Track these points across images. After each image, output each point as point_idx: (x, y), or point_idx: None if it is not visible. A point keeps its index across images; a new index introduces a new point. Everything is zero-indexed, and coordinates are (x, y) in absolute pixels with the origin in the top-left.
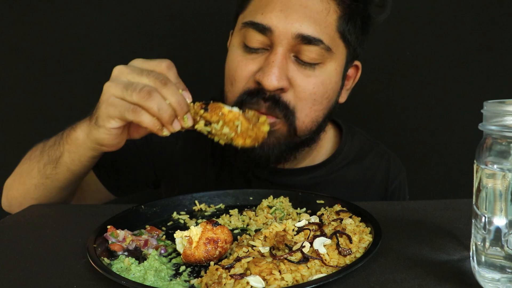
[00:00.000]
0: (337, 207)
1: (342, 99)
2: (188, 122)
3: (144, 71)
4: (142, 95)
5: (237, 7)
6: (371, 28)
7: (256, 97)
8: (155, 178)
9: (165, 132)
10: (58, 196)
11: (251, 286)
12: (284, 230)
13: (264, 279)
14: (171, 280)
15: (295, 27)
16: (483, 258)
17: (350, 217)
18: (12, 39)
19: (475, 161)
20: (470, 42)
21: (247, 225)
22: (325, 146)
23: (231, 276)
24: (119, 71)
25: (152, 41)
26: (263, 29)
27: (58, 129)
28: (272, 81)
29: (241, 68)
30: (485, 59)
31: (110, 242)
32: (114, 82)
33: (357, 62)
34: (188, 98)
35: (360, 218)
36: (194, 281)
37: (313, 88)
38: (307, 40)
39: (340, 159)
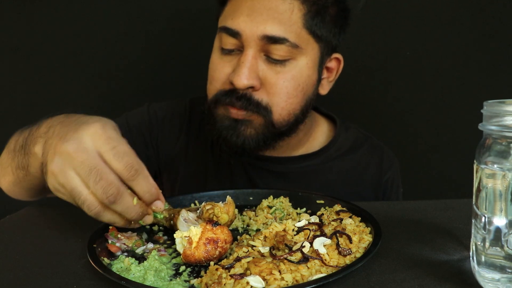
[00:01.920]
0: (337, 207)
1: (324, 91)
2: (158, 211)
3: (94, 173)
4: (92, 214)
5: (216, 11)
6: (349, 19)
7: (230, 97)
8: (158, 168)
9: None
10: (41, 195)
11: (251, 286)
12: (284, 230)
13: (264, 279)
14: (171, 280)
15: (260, 29)
16: (483, 258)
17: (350, 217)
18: (12, 39)
19: (475, 161)
20: (470, 42)
21: (247, 225)
22: (319, 138)
23: (231, 276)
24: (69, 156)
25: (153, 41)
26: (233, 33)
27: None
28: (241, 80)
29: (219, 70)
30: (485, 59)
31: (109, 242)
32: (62, 172)
33: (337, 55)
34: (158, 205)
35: (360, 218)
36: (194, 281)
37: (283, 83)
38: (272, 40)
39: (334, 150)
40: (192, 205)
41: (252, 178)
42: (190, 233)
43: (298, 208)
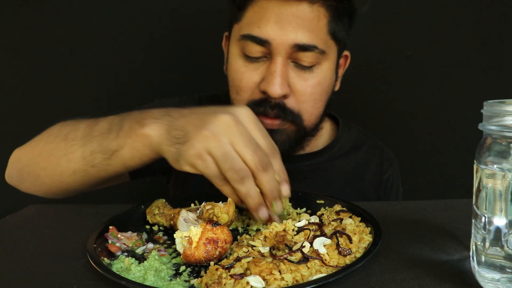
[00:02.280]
0: (337, 207)
1: (337, 87)
2: (276, 209)
3: (252, 144)
4: (236, 177)
5: (231, 15)
6: (356, 19)
7: (263, 107)
8: (168, 165)
9: (255, 226)
10: (94, 185)
11: (251, 286)
12: (284, 230)
13: (264, 279)
14: (171, 280)
15: (291, 37)
16: (483, 258)
17: (350, 217)
18: (12, 39)
19: (475, 161)
20: (470, 42)
21: (247, 225)
22: (323, 136)
23: (231, 276)
24: (228, 125)
25: (154, 41)
26: (261, 42)
27: None
28: (276, 89)
29: (246, 80)
30: (485, 59)
31: (109, 242)
32: (217, 138)
33: (346, 52)
34: (286, 192)
35: (360, 218)
36: (194, 281)
37: (311, 90)
38: (302, 48)
39: (337, 149)
40: (192, 205)
41: None
42: (190, 233)
43: (298, 208)
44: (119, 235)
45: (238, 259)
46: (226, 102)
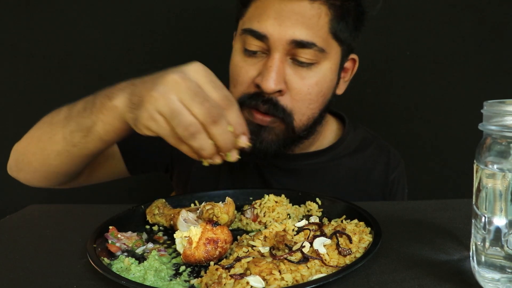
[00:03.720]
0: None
1: (340, 90)
2: (231, 158)
3: (199, 97)
4: (186, 134)
5: (237, 12)
6: (365, 21)
7: (255, 100)
8: (171, 160)
9: (204, 163)
10: (80, 165)
11: (251, 286)
12: (284, 230)
13: (264, 279)
14: (171, 280)
15: (289, 33)
16: (483, 258)
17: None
18: (12, 39)
19: (475, 161)
20: (470, 42)
21: (247, 223)
22: (328, 136)
23: (231, 276)
24: (176, 82)
25: (152, 40)
26: (260, 36)
27: None
28: (270, 84)
29: (243, 73)
30: (485, 59)
31: (109, 242)
32: (165, 97)
33: (353, 56)
34: (244, 142)
35: (360, 218)
36: (194, 281)
37: (308, 89)
38: (301, 44)
39: (343, 148)
40: (192, 205)
41: (264, 175)
42: (190, 233)
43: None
44: (119, 235)
45: (238, 259)
46: None
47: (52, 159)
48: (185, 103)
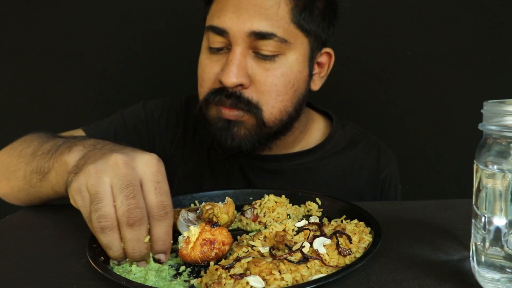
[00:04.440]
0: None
1: (316, 86)
2: (137, 265)
3: (128, 190)
4: (97, 225)
5: (203, 12)
6: (337, 13)
7: (219, 95)
8: None
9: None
10: (42, 202)
11: (251, 286)
12: (284, 230)
13: (264, 279)
14: (171, 280)
15: (247, 25)
16: (483, 258)
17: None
18: (12, 39)
19: (475, 161)
20: (470, 42)
21: (246, 223)
22: (315, 135)
23: (231, 276)
24: (116, 165)
25: (152, 41)
26: (220, 32)
27: (58, 129)
28: (230, 78)
29: (207, 70)
30: (485, 59)
31: None
32: (98, 175)
33: (327, 49)
34: (161, 260)
35: (360, 218)
36: (194, 281)
37: (273, 80)
38: (260, 35)
39: (331, 146)
40: (192, 205)
41: (248, 176)
42: (189, 233)
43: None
44: None
45: (238, 259)
46: None
47: (16, 192)
48: (113, 191)
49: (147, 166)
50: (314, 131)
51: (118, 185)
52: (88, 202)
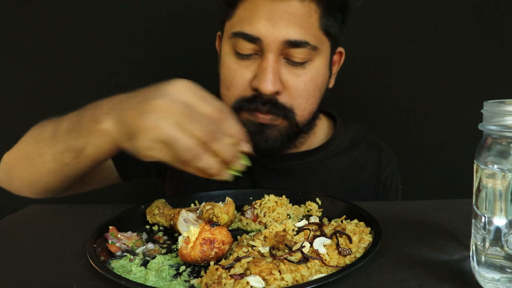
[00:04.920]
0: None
1: (331, 84)
2: (237, 168)
3: (194, 118)
4: (189, 157)
5: (221, 13)
6: (350, 14)
7: (255, 103)
8: (163, 164)
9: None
10: (72, 181)
11: (251, 286)
12: (284, 230)
13: (264, 279)
14: (171, 280)
15: (282, 34)
16: (483, 258)
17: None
18: (12, 39)
19: (475, 161)
20: (470, 42)
21: (247, 223)
22: (319, 134)
23: (231, 276)
24: (166, 108)
25: (153, 41)
26: (253, 39)
27: None
28: (268, 86)
29: (238, 77)
30: (485, 59)
31: (109, 242)
32: (159, 125)
33: (340, 49)
34: (246, 148)
35: (359, 218)
36: (194, 281)
37: (304, 86)
38: (294, 44)
39: (334, 146)
40: (192, 205)
41: (255, 176)
42: (189, 233)
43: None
44: (119, 235)
45: (238, 259)
46: None
47: (44, 176)
48: (181, 127)
49: (185, 91)
50: (319, 131)
51: (182, 121)
52: (165, 150)
